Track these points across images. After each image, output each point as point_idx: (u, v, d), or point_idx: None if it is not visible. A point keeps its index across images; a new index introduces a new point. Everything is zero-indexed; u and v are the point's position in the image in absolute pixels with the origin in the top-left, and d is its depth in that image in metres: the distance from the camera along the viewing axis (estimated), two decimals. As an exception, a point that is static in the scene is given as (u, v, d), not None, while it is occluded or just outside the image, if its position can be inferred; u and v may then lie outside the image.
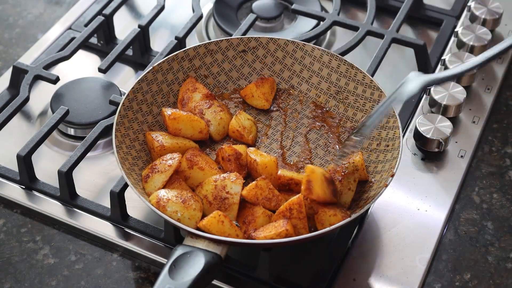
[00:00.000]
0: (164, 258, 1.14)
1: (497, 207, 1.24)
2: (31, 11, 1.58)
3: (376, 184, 1.14)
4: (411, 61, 1.45)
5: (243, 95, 1.29)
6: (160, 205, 1.07)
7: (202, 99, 1.25)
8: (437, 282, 1.14)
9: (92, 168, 1.28)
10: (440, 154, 1.29)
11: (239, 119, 1.23)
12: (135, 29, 1.42)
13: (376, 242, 1.17)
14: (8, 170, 1.25)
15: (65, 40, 1.46)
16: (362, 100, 1.25)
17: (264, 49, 1.31)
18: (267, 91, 1.28)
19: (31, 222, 1.20)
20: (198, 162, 1.15)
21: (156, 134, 1.19)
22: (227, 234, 1.06)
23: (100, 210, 1.20)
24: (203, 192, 1.12)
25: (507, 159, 1.31)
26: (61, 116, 1.27)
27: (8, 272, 1.14)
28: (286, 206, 1.08)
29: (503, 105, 1.40)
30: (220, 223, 1.06)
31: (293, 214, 1.07)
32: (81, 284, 1.13)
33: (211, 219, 1.06)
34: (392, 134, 1.18)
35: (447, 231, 1.20)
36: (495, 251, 1.18)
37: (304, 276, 1.13)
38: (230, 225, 1.06)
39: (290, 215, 1.08)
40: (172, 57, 1.26)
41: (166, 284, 0.98)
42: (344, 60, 1.27)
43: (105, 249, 1.17)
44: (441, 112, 1.32)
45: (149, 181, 1.13)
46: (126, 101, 1.20)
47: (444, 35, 1.51)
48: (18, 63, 1.36)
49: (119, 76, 1.43)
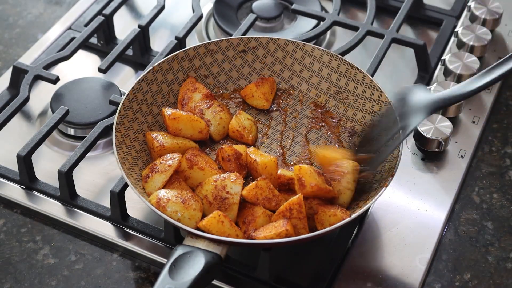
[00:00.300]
0: (164, 258, 1.14)
1: (497, 207, 1.24)
2: (31, 11, 1.58)
3: (376, 184, 1.14)
4: (411, 61, 1.45)
5: (243, 95, 1.29)
6: (160, 205, 1.07)
7: (202, 99, 1.25)
8: (437, 282, 1.14)
9: (92, 168, 1.28)
10: (440, 154, 1.29)
11: (239, 119, 1.23)
12: (135, 29, 1.42)
13: (376, 242, 1.17)
14: (8, 170, 1.25)
15: (65, 40, 1.46)
16: (362, 100, 1.25)
17: (264, 49, 1.31)
18: (267, 91, 1.28)
19: (31, 222, 1.20)
20: (198, 162, 1.15)
21: (156, 134, 1.19)
22: (227, 234, 1.06)
23: (100, 210, 1.20)
24: (203, 192, 1.12)
25: (507, 159, 1.31)
26: (61, 116, 1.27)
27: (8, 272, 1.14)
28: (286, 206, 1.08)
29: (503, 105, 1.40)
30: (220, 223, 1.06)
31: (293, 214, 1.07)
32: (81, 284, 1.13)
33: (211, 219, 1.06)
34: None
35: (447, 231, 1.20)
36: (495, 251, 1.18)
37: (304, 276, 1.13)
38: (230, 225, 1.06)
39: (290, 215, 1.08)
40: (172, 57, 1.26)
41: (166, 284, 0.98)
42: (344, 60, 1.27)
43: (105, 249, 1.17)
44: (441, 112, 1.32)
45: (149, 181, 1.13)
46: (126, 101, 1.20)
47: (444, 35, 1.51)
48: (18, 63, 1.36)
49: (119, 76, 1.43)
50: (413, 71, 1.44)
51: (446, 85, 1.33)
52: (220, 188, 1.11)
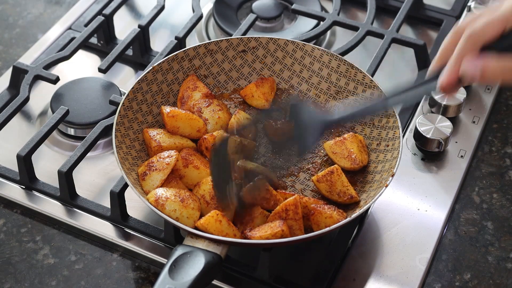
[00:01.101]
0: (164, 258, 1.14)
1: (497, 207, 1.24)
2: (31, 11, 1.58)
3: (376, 184, 1.14)
4: (411, 61, 1.45)
5: (243, 95, 1.29)
6: (159, 204, 1.07)
7: (201, 98, 1.25)
8: (437, 282, 1.14)
9: (92, 168, 1.28)
10: (440, 154, 1.29)
11: (238, 118, 1.23)
12: (135, 29, 1.42)
13: (376, 242, 1.17)
14: (8, 170, 1.25)
15: (65, 40, 1.46)
16: (362, 100, 1.25)
17: (264, 49, 1.31)
18: (267, 91, 1.28)
19: (31, 222, 1.20)
20: (193, 161, 1.15)
21: (154, 133, 1.19)
22: (225, 233, 1.06)
23: (100, 210, 1.20)
24: (200, 192, 1.12)
25: (507, 159, 1.31)
26: (61, 116, 1.27)
27: (8, 272, 1.14)
28: (282, 207, 1.08)
29: (503, 105, 1.40)
30: (218, 222, 1.06)
31: (289, 215, 1.08)
32: (81, 284, 1.13)
33: (209, 218, 1.06)
34: (392, 134, 1.18)
35: (447, 231, 1.20)
36: (495, 251, 1.18)
37: (304, 276, 1.13)
38: (228, 224, 1.06)
39: (286, 215, 1.08)
40: (172, 57, 1.26)
41: (166, 284, 0.98)
42: (344, 60, 1.27)
43: (105, 249, 1.17)
44: (441, 112, 1.32)
45: (147, 179, 1.13)
46: (126, 101, 1.20)
47: (444, 35, 1.50)
48: (18, 63, 1.36)
49: (119, 76, 1.43)
50: (413, 71, 1.44)
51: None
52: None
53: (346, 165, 1.17)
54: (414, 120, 1.33)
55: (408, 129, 1.33)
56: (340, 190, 1.13)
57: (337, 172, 1.14)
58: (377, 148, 1.20)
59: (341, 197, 1.13)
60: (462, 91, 1.33)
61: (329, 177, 1.14)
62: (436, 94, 1.31)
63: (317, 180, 1.15)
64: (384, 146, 1.19)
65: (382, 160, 1.17)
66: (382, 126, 1.21)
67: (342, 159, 1.17)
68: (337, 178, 1.14)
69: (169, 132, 1.20)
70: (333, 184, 1.13)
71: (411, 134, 1.31)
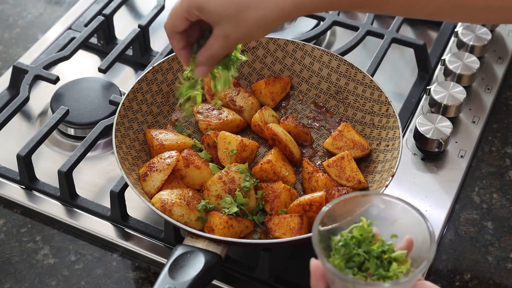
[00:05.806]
0: (164, 258, 1.14)
1: (497, 207, 1.24)
2: (31, 11, 1.58)
3: (376, 184, 1.14)
4: (411, 61, 1.45)
5: (253, 89, 1.29)
6: (166, 210, 1.08)
7: None
8: (437, 282, 1.14)
9: (92, 168, 1.28)
10: (440, 154, 1.29)
11: (262, 114, 1.23)
12: (135, 29, 1.42)
13: (376, 242, 1.17)
14: (8, 170, 1.25)
15: (65, 40, 1.46)
16: (362, 100, 1.25)
17: (264, 49, 1.31)
18: (276, 90, 1.28)
19: (31, 222, 1.20)
20: (194, 161, 1.15)
21: (155, 132, 1.19)
22: (239, 232, 1.09)
23: (100, 210, 1.20)
24: (212, 192, 1.12)
25: (507, 159, 1.31)
26: (61, 116, 1.27)
27: (8, 272, 1.14)
28: (307, 201, 1.10)
29: (503, 105, 1.40)
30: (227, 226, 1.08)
31: (313, 209, 1.09)
32: (81, 284, 1.13)
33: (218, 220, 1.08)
34: (392, 134, 1.18)
35: (447, 231, 1.20)
36: (495, 251, 1.18)
37: (304, 276, 1.13)
38: (237, 223, 1.09)
39: (309, 209, 1.09)
40: (172, 57, 1.26)
41: (166, 284, 0.98)
42: (344, 60, 1.27)
43: (105, 249, 1.17)
44: (441, 112, 1.32)
45: (148, 180, 1.13)
46: (126, 101, 1.20)
47: (444, 35, 1.51)
48: (18, 63, 1.36)
49: (119, 76, 1.43)
50: (413, 71, 1.44)
51: (446, 85, 1.34)
52: (228, 182, 1.11)
53: (357, 154, 1.19)
54: (414, 120, 1.33)
55: (408, 129, 1.33)
56: (349, 175, 1.15)
57: (347, 158, 1.16)
58: (377, 148, 1.20)
59: (350, 181, 1.15)
60: (462, 91, 1.33)
61: (339, 163, 1.16)
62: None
63: (327, 165, 1.17)
64: (384, 146, 1.19)
65: (382, 160, 1.17)
66: (382, 126, 1.21)
67: (351, 150, 1.19)
68: (347, 164, 1.16)
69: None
70: (342, 170, 1.16)
71: (411, 134, 1.31)
